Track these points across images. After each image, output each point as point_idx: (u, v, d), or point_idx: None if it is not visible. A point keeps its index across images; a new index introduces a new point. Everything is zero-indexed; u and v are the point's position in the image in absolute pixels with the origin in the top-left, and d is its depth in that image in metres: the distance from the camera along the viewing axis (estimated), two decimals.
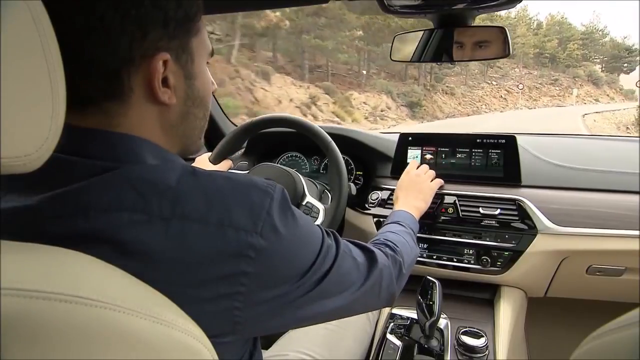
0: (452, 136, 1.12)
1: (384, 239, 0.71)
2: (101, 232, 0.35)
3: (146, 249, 0.35)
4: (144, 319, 0.31)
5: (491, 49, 0.88)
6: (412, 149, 1.13)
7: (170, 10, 0.41)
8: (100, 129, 0.40)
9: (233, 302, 0.39)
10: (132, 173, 0.38)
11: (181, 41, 0.43)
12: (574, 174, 1.02)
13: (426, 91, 26.33)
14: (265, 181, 0.43)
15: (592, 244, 0.92)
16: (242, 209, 0.39)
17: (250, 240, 0.39)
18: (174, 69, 0.43)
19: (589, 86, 43.76)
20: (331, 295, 0.48)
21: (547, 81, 41.70)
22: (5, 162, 0.27)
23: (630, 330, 0.27)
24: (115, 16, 0.37)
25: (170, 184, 0.38)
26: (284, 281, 0.42)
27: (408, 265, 0.69)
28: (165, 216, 0.36)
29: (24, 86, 0.28)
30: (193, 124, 0.48)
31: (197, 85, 0.47)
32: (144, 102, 0.42)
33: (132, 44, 0.39)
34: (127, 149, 0.40)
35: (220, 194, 0.39)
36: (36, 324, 0.26)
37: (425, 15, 0.87)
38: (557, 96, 39.17)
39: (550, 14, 53.86)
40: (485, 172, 1.06)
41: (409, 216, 0.87)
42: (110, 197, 0.36)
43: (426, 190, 0.98)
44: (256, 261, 0.39)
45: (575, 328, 0.78)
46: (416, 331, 0.86)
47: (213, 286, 0.37)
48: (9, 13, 0.27)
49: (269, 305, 0.42)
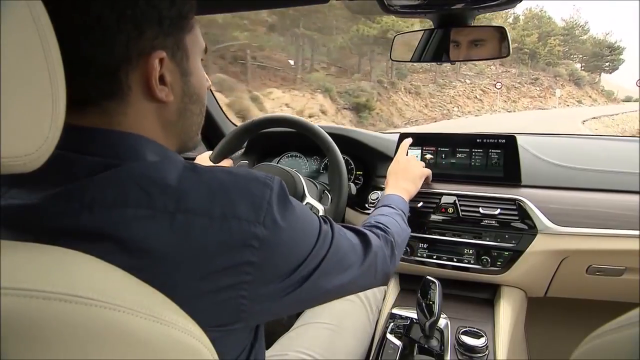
0: (452, 136, 1.12)
1: (375, 222, 0.73)
2: (106, 229, 0.35)
3: (152, 244, 0.36)
4: (143, 319, 0.31)
5: (488, 48, 0.88)
6: (412, 148, 1.13)
7: (164, 9, 0.41)
8: (100, 128, 0.41)
9: (239, 291, 0.40)
10: (135, 170, 0.39)
11: (176, 39, 0.44)
12: (574, 173, 1.02)
13: (382, 89, 20.22)
14: (263, 174, 0.44)
15: (592, 243, 0.92)
16: (244, 201, 0.40)
17: (254, 230, 0.40)
18: (170, 66, 0.44)
19: (570, 86, 40.06)
20: (330, 277, 0.51)
21: (526, 80, 36.66)
22: (5, 162, 0.27)
23: (630, 330, 0.27)
24: (112, 16, 0.38)
25: (172, 179, 0.39)
26: (286, 268, 0.44)
27: (399, 245, 0.72)
28: (170, 211, 0.37)
29: (24, 86, 0.28)
30: (190, 120, 0.49)
31: (193, 81, 0.48)
32: (142, 100, 0.43)
33: (129, 43, 0.39)
34: (128, 146, 0.41)
35: (222, 188, 0.40)
36: (35, 323, 0.26)
37: (425, 15, 0.87)
38: (537, 97, 35.09)
39: (528, 8, 50.11)
40: (485, 172, 1.06)
41: (399, 198, 0.88)
42: (115, 193, 0.36)
43: (416, 173, 0.99)
44: (260, 250, 0.40)
45: (575, 328, 0.78)
46: (416, 331, 0.86)
47: (220, 277, 0.38)
48: (9, 13, 0.27)
49: (273, 292, 0.43)
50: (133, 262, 0.35)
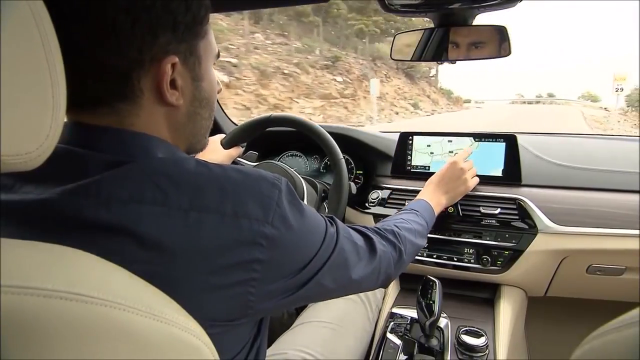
0: (452, 135, 1.12)
1: (394, 225, 0.72)
2: (122, 224, 0.36)
3: (166, 240, 0.37)
4: (144, 317, 0.31)
5: (487, 48, 0.88)
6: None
7: (179, 15, 0.42)
8: (112, 127, 0.42)
9: (248, 287, 0.41)
10: (149, 166, 0.39)
11: (189, 44, 0.44)
12: (574, 173, 1.02)
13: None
14: (272, 174, 0.45)
15: (592, 243, 0.92)
16: (254, 201, 0.41)
17: (263, 229, 0.41)
18: (181, 71, 0.44)
19: (399, 78, 23.74)
20: (334, 277, 0.51)
21: (311, 60, 17.74)
22: (6, 160, 0.27)
23: (631, 330, 0.27)
24: (127, 20, 0.38)
25: (186, 176, 0.40)
26: (292, 267, 0.45)
27: (409, 254, 0.71)
28: (184, 208, 0.38)
29: (25, 84, 0.28)
30: (199, 124, 0.50)
31: (204, 86, 0.48)
32: (153, 103, 0.43)
33: (143, 48, 0.40)
34: (139, 145, 0.42)
35: (234, 186, 0.41)
36: (36, 321, 0.26)
37: (425, 14, 0.87)
38: (333, 98, 15.78)
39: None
40: (486, 172, 1.06)
41: (428, 208, 0.86)
42: (130, 189, 0.37)
43: (460, 190, 0.95)
44: (268, 249, 0.41)
45: (576, 327, 0.78)
46: (416, 330, 0.86)
47: (229, 273, 0.39)
48: (10, 12, 0.27)
49: (278, 289, 0.44)
50: (148, 255, 0.36)
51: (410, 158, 1.14)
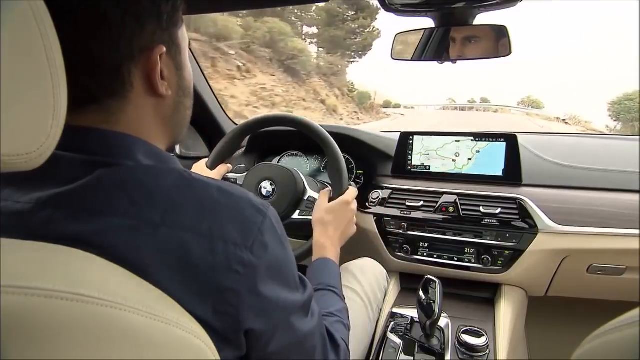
0: (452, 135, 1.12)
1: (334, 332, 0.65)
2: (90, 236, 0.35)
3: (132, 255, 0.35)
4: (145, 317, 0.31)
5: (484, 46, 0.88)
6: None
7: (162, 4, 0.42)
8: (94, 127, 0.41)
9: (224, 316, 0.38)
10: (126, 175, 0.38)
11: (170, 33, 0.44)
12: (575, 172, 1.02)
13: None
14: (260, 200, 0.43)
15: (592, 243, 0.92)
16: (234, 223, 0.39)
17: (240, 254, 0.38)
18: (167, 61, 0.44)
19: (272, 74, 14.77)
20: (301, 318, 0.48)
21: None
22: (7, 160, 0.27)
23: (631, 330, 0.27)
24: (117, 12, 0.38)
25: (163, 188, 0.38)
26: (267, 298, 0.41)
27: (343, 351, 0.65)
28: (156, 222, 0.36)
29: (26, 84, 0.28)
30: (183, 114, 0.50)
31: (185, 75, 0.48)
32: (143, 96, 0.43)
33: (132, 39, 0.40)
34: (121, 146, 0.41)
35: (213, 205, 0.39)
36: (36, 321, 0.26)
37: (426, 14, 0.86)
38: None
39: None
40: (486, 171, 1.06)
41: (337, 272, 0.77)
42: (102, 200, 0.36)
43: (349, 234, 0.87)
44: (243, 277, 0.38)
45: (576, 327, 0.78)
46: (417, 330, 0.86)
47: (202, 297, 0.36)
48: (10, 12, 0.27)
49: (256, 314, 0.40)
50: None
51: (411, 158, 1.14)
